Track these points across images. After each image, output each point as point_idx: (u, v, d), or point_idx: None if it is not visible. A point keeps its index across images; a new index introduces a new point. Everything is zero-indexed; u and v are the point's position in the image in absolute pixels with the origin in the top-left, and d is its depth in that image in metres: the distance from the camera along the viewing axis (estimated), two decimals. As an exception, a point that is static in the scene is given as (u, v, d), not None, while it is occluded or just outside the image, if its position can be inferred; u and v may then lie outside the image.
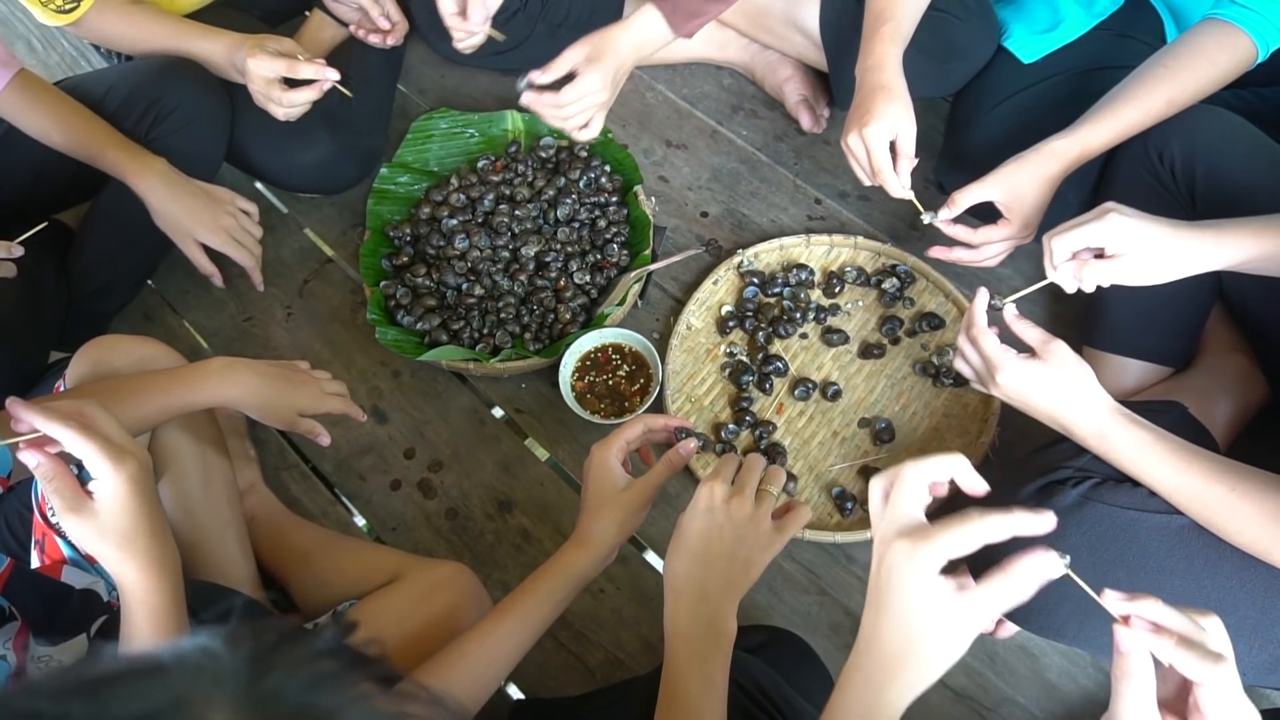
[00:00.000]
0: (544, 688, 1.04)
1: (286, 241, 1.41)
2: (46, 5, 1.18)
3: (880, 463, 1.12)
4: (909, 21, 1.11)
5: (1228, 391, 1.06)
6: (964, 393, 1.16)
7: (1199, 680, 0.48)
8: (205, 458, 0.98)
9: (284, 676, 0.31)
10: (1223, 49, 0.99)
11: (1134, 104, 1.02)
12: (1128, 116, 1.02)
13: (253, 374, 0.93)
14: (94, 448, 0.63)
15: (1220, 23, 1.00)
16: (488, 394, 1.25)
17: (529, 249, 1.27)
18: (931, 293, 1.25)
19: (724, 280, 1.29)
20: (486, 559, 1.12)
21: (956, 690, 1.01)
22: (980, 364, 0.87)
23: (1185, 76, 1.00)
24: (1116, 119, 1.02)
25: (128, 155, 1.15)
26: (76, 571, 0.84)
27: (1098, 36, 1.23)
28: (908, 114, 1.06)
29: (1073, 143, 1.02)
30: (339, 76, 1.19)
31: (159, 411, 0.87)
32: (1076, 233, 0.83)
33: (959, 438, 1.13)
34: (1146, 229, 0.82)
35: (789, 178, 1.41)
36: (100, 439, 0.63)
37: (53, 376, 1.10)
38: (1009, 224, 1.08)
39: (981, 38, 1.27)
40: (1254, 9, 0.98)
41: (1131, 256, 0.82)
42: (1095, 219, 0.83)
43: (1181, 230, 0.82)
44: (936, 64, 1.27)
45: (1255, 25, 0.99)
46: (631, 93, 1.52)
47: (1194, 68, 1.00)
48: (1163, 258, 0.82)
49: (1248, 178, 0.99)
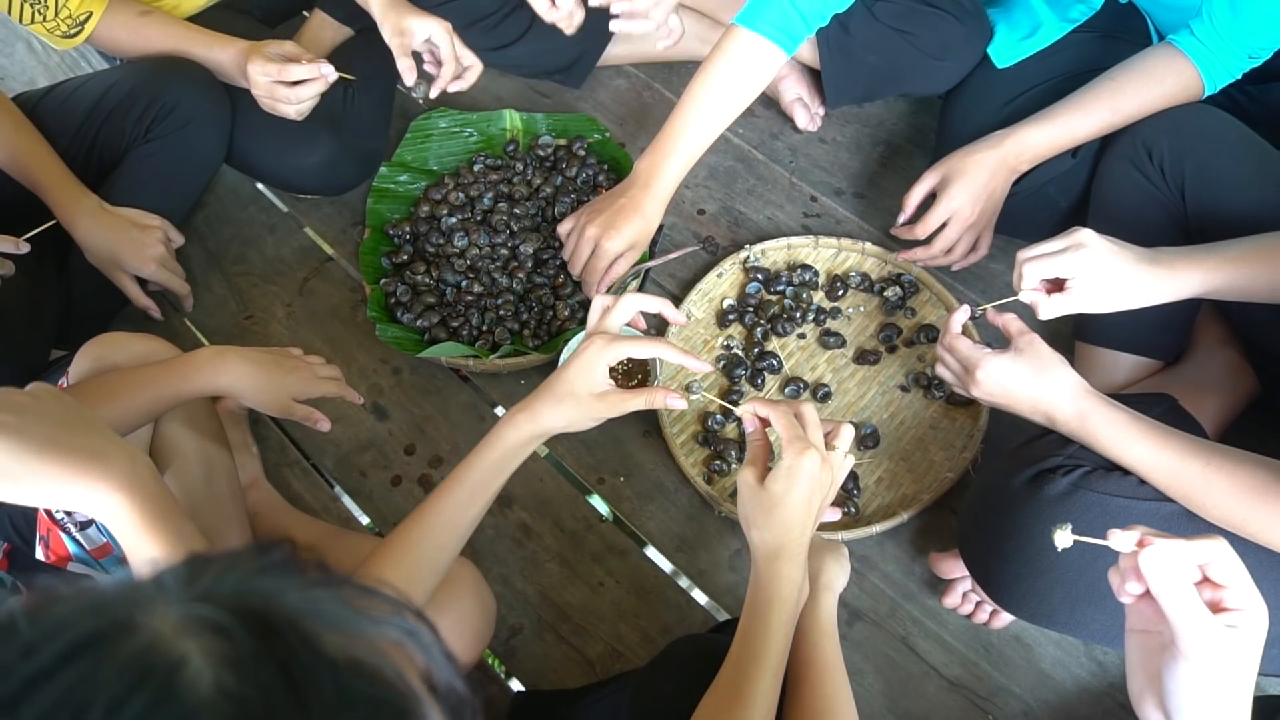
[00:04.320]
0: (544, 680, 1.05)
1: (287, 240, 1.42)
2: (52, 33, 1.19)
3: (860, 468, 1.13)
4: (696, 146, 1.18)
5: (1218, 385, 1.08)
6: (954, 408, 1.17)
7: (1210, 558, 0.55)
8: (208, 453, 0.99)
9: (220, 573, 0.32)
10: (1170, 75, 1.06)
11: (1077, 113, 1.10)
12: (1070, 123, 1.11)
13: (244, 360, 0.94)
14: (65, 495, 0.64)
15: (1175, 50, 1.05)
16: (487, 390, 1.26)
17: (527, 246, 1.29)
18: (934, 304, 1.26)
19: (728, 274, 1.30)
20: (486, 553, 1.13)
21: (951, 680, 1.02)
22: (959, 368, 0.90)
23: (1130, 95, 1.07)
24: (1057, 123, 1.11)
25: (60, 190, 1.15)
26: (83, 568, 0.85)
27: (1084, 40, 1.25)
28: (644, 240, 1.18)
29: (1012, 135, 1.12)
30: (333, 69, 1.19)
31: (153, 403, 0.88)
32: (1048, 263, 0.86)
33: (943, 450, 1.14)
34: (1113, 264, 0.85)
35: (785, 175, 1.43)
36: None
37: (53, 374, 1.11)
38: (939, 204, 1.15)
39: (975, 37, 1.29)
40: (1207, 45, 1.02)
41: (1089, 288, 0.85)
42: (1069, 249, 0.85)
43: (1143, 265, 0.85)
44: (931, 60, 1.29)
45: (1205, 62, 1.03)
46: (628, 92, 1.54)
47: (1140, 89, 1.07)
48: (1119, 291, 0.86)
49: (1236, 176, 1.00)
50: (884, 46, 1.29)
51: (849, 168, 1.42)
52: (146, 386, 0.88)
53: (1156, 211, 1.05)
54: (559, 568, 1.12)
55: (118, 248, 1.17)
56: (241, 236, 1.43)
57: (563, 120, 1.44)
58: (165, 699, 0.27)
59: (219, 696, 0.28)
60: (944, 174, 1.16)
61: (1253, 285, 0.86)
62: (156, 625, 0.29)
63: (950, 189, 1.15)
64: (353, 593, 0.34)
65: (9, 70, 1.70)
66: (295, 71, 1.18)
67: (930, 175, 1.18)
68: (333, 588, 0.34)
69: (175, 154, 1.22)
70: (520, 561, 1.12)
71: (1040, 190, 1.19)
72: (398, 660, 0.33)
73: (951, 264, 1.24)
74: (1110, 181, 1.09)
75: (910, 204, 1.20)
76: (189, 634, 0.29)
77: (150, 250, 1.20)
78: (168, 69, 1.23)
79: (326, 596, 0.33)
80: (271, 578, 0.33)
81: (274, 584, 0.33)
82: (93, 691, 0.27)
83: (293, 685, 0.29)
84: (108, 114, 1.21)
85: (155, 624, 0.29)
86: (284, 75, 1.18)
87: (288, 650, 0.30)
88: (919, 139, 1.44)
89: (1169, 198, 1.04)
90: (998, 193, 1.16)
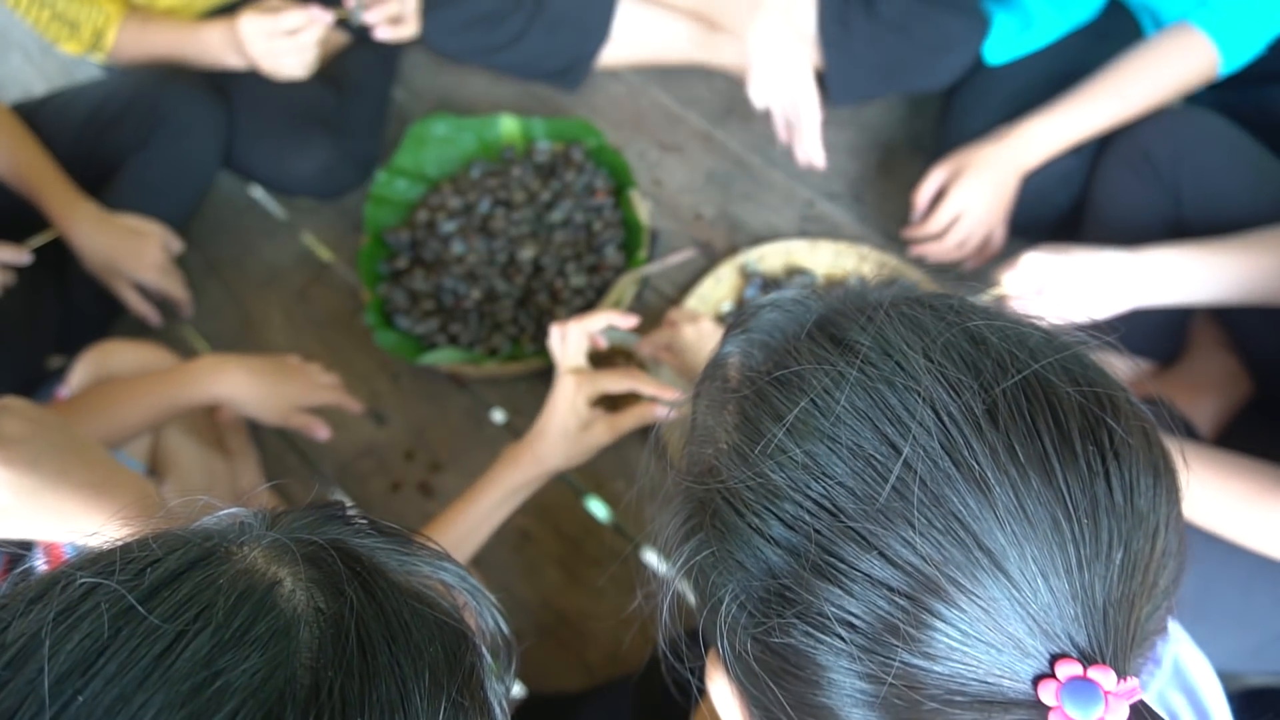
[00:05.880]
0: (544, 685, 1.05)
1: (285, 247, 1.42)
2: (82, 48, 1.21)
3: None
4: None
5: (1214, 387, 1.08)
6: None
7: None
8: (207, 461, 1.00)
9: (292, 520, 0.38)
10: (1179, 55, 1.04)
11: (1084, 103, 1.10)
12: (1077, 114, 1.10)
13: (243, 369, 0.94)
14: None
15: (1185, 27, 1.03)
16: (486, 396, 1.27)
17: (525, 252, 1.29)
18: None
19: (726, 279, 1.30)
20: (486, 559, 1.13)
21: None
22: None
23: (1138, 80, 1.06)
24: (1064, 115, 1.11)
25: (58, 198, 1.15)
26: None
27: (1084, 38, 1.25)
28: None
29: (1017, 130, 1.13)
30: (326, 13, 1.20)
31: (152, 412, 0.88)
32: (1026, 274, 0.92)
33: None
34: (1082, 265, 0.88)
35: (782, 180, 1.43)
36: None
37: (52, 382, 1.11)
38: (949, 199, 1.15)
39: (972, 32, 1.29)
40: (1224, 13, 1.00)
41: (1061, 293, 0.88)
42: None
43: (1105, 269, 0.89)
44: (928, 55, 1.29)
45: (1221, 33, 1.01)
46: (625, 97, 1.54)
47: (1148, 72, 1.06)
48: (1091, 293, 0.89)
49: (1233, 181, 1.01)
50: (884, 44, 1.30)
51: (846, 172, 1.43)
52: (146, 396, 0.88)
53: (1152, 214, 1.05)
54: (559, 573, 1.12)
55: (116, 255, 1.17)
56: (239, 244, 1.43)
57: (559, 125, 1.44)
58: (268, 609, 0.32)
59: (313, 611, 0.33)
60: (953, 170, 1.16)
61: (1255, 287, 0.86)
62: (247, 553, 0.35)
63: (959, 183, 1.15)
64: (401, 542, 0.39)
65: (5, 78, 1.70)
66: (289, 19, 1.17)
67: (939, 171, 1.18)
68: (384, 536, 0.39)
69: (173, 161, 1.22)
70: (520, 567, 1.13)
71: (1041, 189, 1.20)
72: (449, 598, 0.38)
73: (965, 261, 1.23)
74: (1107, 183, 1.10)
75: (921, 201, 1.19)
76: (277, 562, 0.34)
77: (149, 257, 1.20)
78: (165, 77, 1.24)
79: (382, 542, 0.38)
80: (333, 525, 0.38)
81: (336, 529, 0.38)
82: (214, 595, 0.32)
83: (375, 602, 0.34)
84: (106, 122, 1.21)
85: (246, 552, 0.35)
86: (279, 25, 1.17)
87: (368, 574, 0.35)
88: (916, 143, 1.45)
89: (1166, 200, 1.04)
90: (1007, 189, 1.16)
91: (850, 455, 0.35)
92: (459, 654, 0.36)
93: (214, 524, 0.37)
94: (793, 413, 0.37)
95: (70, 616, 0.30)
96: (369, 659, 0.32)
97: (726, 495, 0.39)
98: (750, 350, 0.43)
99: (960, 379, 0.35)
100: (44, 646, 0.29)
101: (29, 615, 0.31)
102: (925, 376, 0.35)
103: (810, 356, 0.38)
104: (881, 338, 0.37)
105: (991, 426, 0.34)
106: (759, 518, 0.37)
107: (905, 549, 0.33)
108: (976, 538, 0.33)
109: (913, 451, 0.34)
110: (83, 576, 0.32)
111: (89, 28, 1.21)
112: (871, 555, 0.34)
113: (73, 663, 0.29)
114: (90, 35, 1.22)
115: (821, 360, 0.38)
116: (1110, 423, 0.36)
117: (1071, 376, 0.37)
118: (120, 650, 0.29)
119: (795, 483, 0.36)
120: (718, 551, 0.39)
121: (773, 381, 0.39)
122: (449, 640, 0.36)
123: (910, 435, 0.34)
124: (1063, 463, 0.34)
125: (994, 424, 0.34)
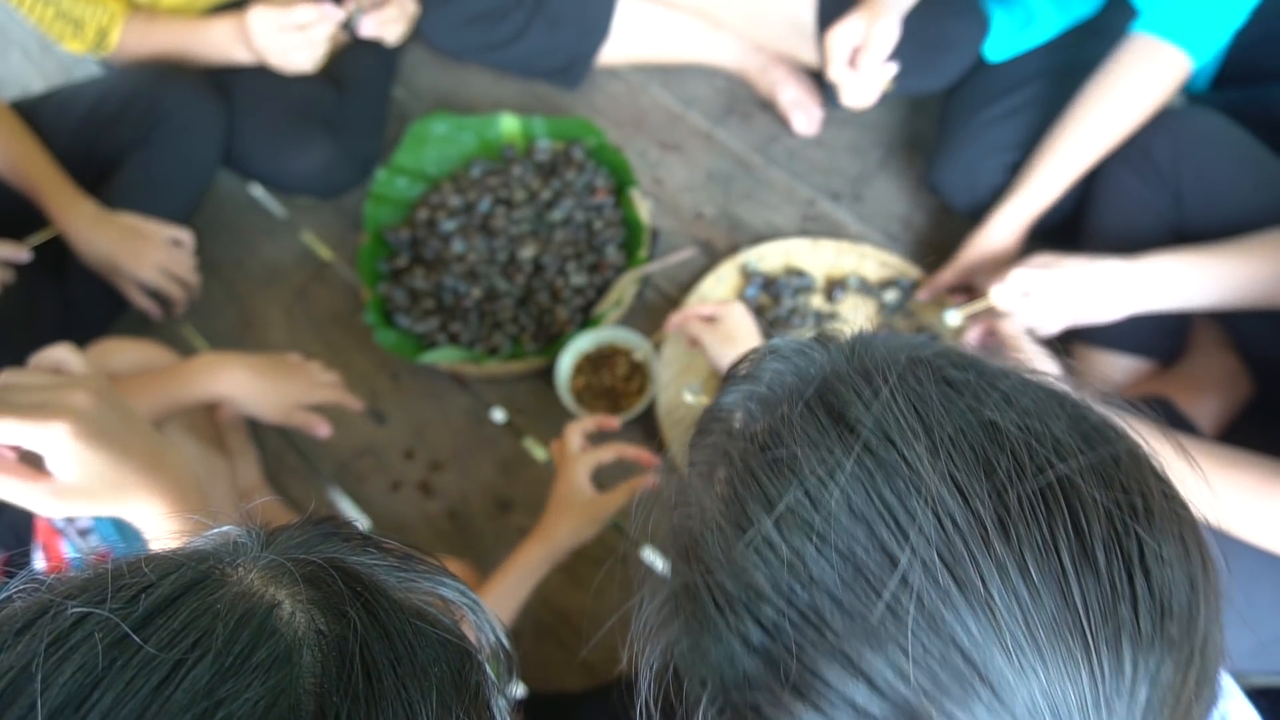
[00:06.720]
0: (545, 685, 1.05)
1: (285, 246, 1.42)
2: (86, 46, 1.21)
3: None
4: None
5: (1215, 387, 1.08)
6: None
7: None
8: (208, 460, 0.99)
9: (288, 538, 0.36)
10: (1138, 69, 1.03)
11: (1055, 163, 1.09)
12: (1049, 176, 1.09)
13: (243, 367, 0.93)
14: (9, 426, 0.55)
15: (1139, 39, 1.02)
16: (486, 395, 1.26)
17: (526, 251, 1.29)
18: (932, 309, 1.26)
19: (726, 278, 1.30)
20: (487, 559, 1.13)
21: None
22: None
23: (1105, 113, 1.04)
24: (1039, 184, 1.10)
25: (57, 195, 1.14)
26: (81, 574, 0.85)
27: (1078, 35, 1.25)
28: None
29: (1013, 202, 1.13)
30: (341, 14, 1.20)
31: (151, 410, 0.88)
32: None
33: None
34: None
35: (783, 179, 1.43)
36: (10, 410, 0.55)
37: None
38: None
39: (972, 31, 1.29)
40: (1172, 11, 0.98)
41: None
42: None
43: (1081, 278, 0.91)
44: (929, 54, 1.29)
45: (1178, 33, 0.99)
46: (625, 96, 1.54)
47: (1111, 102, 1.04)
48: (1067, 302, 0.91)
49: (1232, 178, 1.00)
50: None
51: (847, 171, 1.43)
52: (146, 394, 0.88)
53: (1151, 215, 1.05)
54: (559, 573, 1.12)
55: (116, 253, 1.17)
56: (239, 242, 1.42)
57: (560, 124, 1.44)
58: (268, 634, 0.31)
59: (315, 634, 0.31)
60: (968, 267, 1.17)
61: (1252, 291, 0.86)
62: (244, 574, 0.33)
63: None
64: (398, 558, 0.38)
65: (4, 76, 1.69)
66: (300, 13, 1.17)
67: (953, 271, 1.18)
68: (381, 552, 0.38)
69: (172, 159, 1.22)
70: (520, 566, 1.12)
71: None
72: (449, 613, 0.37)
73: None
74: (1108, 183, 1.09)
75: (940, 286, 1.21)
76: (275, 583, 0.33)
77: (149, 257, 1.19)
78: (164, 75, 1.23)
79: (380, 558, 0.37)
80: (330, 543, 0.37)
81: (333, 546, 0.37)
82: (212, 620, 0.30)
83: (378, 623, 0.33)
84: (105, 120, 1.21)
85: (241, 574, 0.33)
86: (290, 19, 1.17)
87: (369, 594, 0.34)
88: (917, 142, 1.45)
89: (1165, 200, 1.04)
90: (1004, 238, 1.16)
91: (841, 561, 0.32)
92: (464, 673, 0.35)
93: (207, 544, 0.36)
94: (781, 504, 0.34)
95: (62, 647, 0.29)
96: (374, 682, 0.31)
97: (708, 583, 0.36)
98: (749, 405, 0.41)
99: (969, 482, 0.32)
100: (35, 680, 0.28)
101: (17, 647, 0.29)
102: (930, 475, 0.32)
103: (805, 435, 0.36)
104: (885, 420, 0.34)
105: (1001, 538, 0.31)
106: (738, 618, 0.34)
107: (896, 677, 0.30)
108: (977, 668, 0.30)
109: (910, 563, 0.31)
110: (73, 605, 0.30)
111: (93, 26, 1.21)
112: (858, 681, 0.31)
113: (66, 696, 0.28)
114: (94, 34, 1.21)
115: (817, 443, 0.35)
116: (1140, 532, 0.32)
117: (1099, 475, 0.33)
118: (116, 682, 0.28)
119: (779, 584, 0.33)
120: (697, 645, 0.37)
121: (764, 463, 0.36)
122: (453, 659, 0.35)
123: (908, 544, 0.31)
124: (1082, 582, 0.30)
125: (1004, 535, 0.31)
